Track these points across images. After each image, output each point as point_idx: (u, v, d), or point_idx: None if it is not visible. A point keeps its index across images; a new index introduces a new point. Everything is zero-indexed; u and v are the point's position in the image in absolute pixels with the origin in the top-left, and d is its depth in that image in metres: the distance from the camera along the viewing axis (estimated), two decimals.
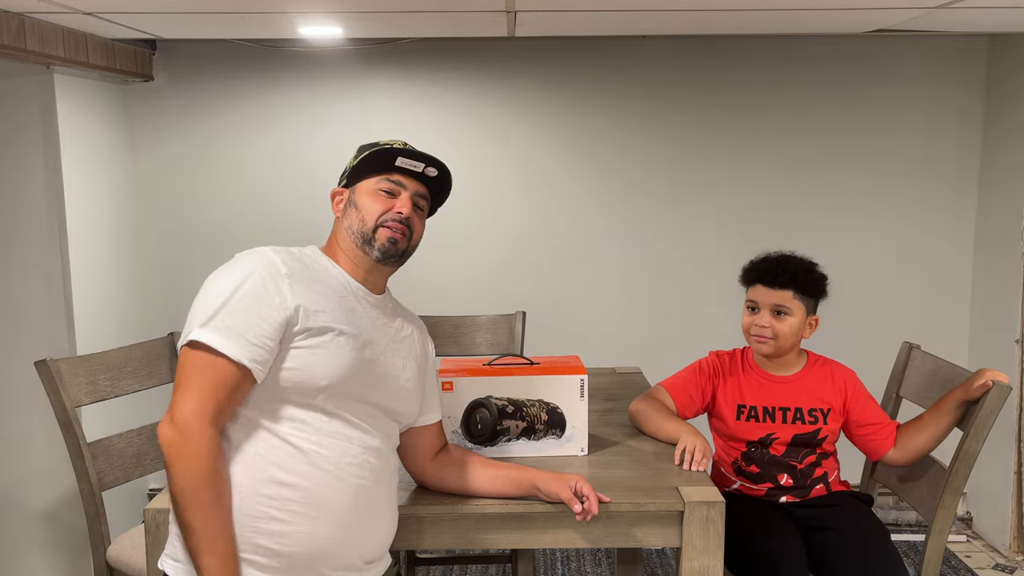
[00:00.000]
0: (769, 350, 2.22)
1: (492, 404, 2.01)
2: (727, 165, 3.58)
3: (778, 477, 2.24)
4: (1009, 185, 3.38)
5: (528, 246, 3.63)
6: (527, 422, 2.02)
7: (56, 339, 3.00)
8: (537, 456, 2.02)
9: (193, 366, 1.51)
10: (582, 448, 2.04)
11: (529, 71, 3.54)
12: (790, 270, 2.20)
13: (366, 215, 1.68)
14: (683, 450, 1.99)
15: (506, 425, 2.01)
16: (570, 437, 2.04)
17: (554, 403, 2.02)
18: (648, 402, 2.24)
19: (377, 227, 1.68)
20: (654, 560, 3.39)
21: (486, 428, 2.01)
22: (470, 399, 2.01)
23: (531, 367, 2.06)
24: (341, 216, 1.72)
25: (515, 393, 2.02)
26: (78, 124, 3.08)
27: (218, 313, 1.52)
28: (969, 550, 3.48)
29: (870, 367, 2.42)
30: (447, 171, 1.77)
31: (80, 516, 2.36)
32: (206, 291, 1.57)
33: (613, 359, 3.49)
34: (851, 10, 2.67)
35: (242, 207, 3.57)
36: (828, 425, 2.23)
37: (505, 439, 2.02)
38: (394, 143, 1.72)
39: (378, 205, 1.68)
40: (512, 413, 2.01)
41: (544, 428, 2.02)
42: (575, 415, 2.03)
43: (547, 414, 2.02)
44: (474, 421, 2.01)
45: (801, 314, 2.20)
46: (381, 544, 1.69)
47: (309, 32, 3.08)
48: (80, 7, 2.48)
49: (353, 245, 1.69)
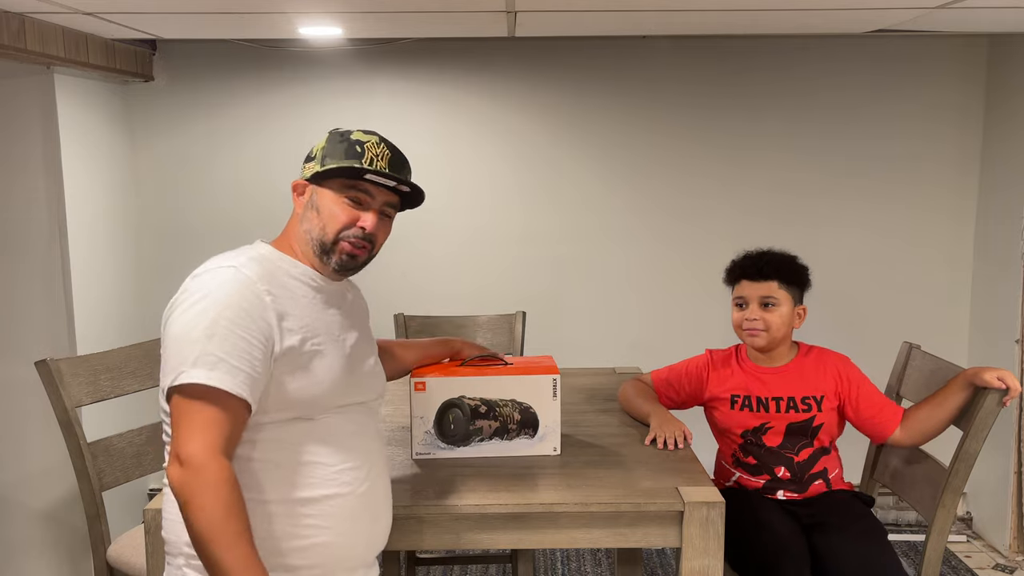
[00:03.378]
0: (763, 342, 2.26)
1: (465, 404, 2.00)
2: (727, 165, 3.58)
3: (775, 469, 2.27)
4: (1009, 185, 3.38)
5: (528, 245, 3.63)
6: (500, 422, 2.02)
7: (56, 339, 3.00)
8: (509, 455, 2.02)
9: (190, 406, 1.43)
10: (555, 447, 2.04)
11: (529, 71, 3.54)
12: (772, 262, 2.28)
13: (327, 224, 1.59)
14: (654, 437, 2.12)
15: (479, 425, 2.01)
16: (542, 436, 2.03)
17: (527, 403, 2.02)
18: (633, 385, 2.40)
19: (337, 239, 1.59)
20: (654, 560, 3.39)
21: (459, 428, 2.00)
22: (443, 399, 2.00)
23: (504, 367, 2.05)
24: (300, 215, 1.62)
25: (488, 393, 2.01)
26: (78, 124, 3.08)
27: (206, 347, 1.43)
28: (969, 550, 3.48)
29: (870, 367, 2.42)
30: (419, 189, 1.69)
31: (80, 516, 2.36)
32: (184, 323, 1.46)
33: (613, 359, 3.48)
34: (851, 10, 2.67)
35: (242, 207, 3.57)
36: (823, 413, 2.25)
37: (478, 439, 2.01)
38: (367, 141, 1.62)
39: (342, 216, 1.59)
40: (485, 413, 2.01)
41: (517, 428, 2.02)
42: (547, 414, 2.03)
43: (520, 414, 2.02)
44: (447, 421, 2.00)
45: (788, 304, 2.26)
46: (385, 537, 1.70)
47: (309, 32, 3.08)
48: (80, 7, 2.48)
49: (310, 250, 1.61)
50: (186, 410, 1.43)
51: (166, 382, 1.45)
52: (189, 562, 1.53)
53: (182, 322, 1.46)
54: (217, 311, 1.45)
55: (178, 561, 1.56)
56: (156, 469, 2.43)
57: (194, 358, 1.43)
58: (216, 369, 1.42)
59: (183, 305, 1.48)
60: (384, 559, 2.63)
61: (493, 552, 3.03)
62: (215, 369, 1.42)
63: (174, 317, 1.48)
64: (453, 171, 3.57)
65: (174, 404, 1.45)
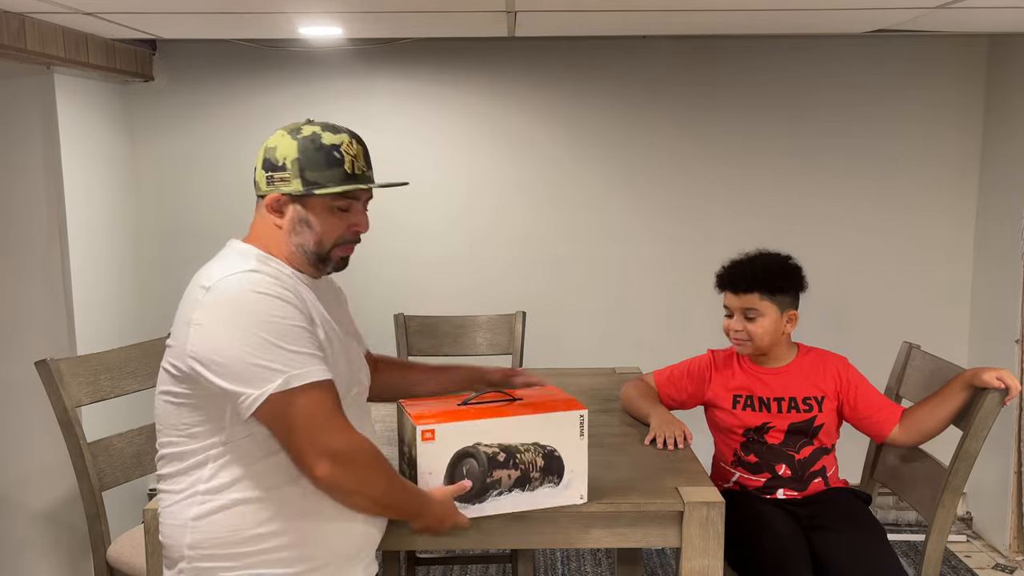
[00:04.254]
0: (748, 351, 2.30)
1: (481, 453, 1.69)
2: (727, 166, 3.58)
3: (776, 467, 2.27)
4: (1009, 185, 3.37)
5: (527, 245, 3.62)
6: (521, 471, 1.72)
7: (56, 339, 3.00)
8: (531, 509, 1.75)
9: (305, 408, 1.46)
10: (581, 495, 1.77)
11: (529, 71, 3.54)
12: (748, 275, 2.26)
13: (323, 237, 1.61)
14: (654, 437, 2.12)
15: (497, 476, 1.71)
16: (568, 483, 1.75)
17: (551, 446, 1.74)
18: (635, 386, 2.40)
19: (333, 247, 1.63)
20: (654, 560, 3.39)
21: (475, 481, 1.70)
22: (455, 449, 1.68)
23: (522, 405, 1.77)
24: (288, 231, 1.61)
25: (506, 438, 1.72)
26: (78, 124, 3.08)
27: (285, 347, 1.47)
28: (969, 550, 3.48)
29: (870, 367, 2.42)
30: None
31: (80, 516, 2.35)
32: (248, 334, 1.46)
33: (613, 359, 3.48)
34: (851, 10, 2.67)
35: (242, 207, 3.54)
36: (823, 413, 2.26)
37: (496, 492, 1.71)
38: (341, 144, 1.59)
39: (339, 226, 1.62)
40: (504, 461, 1.71)
41: (540, 476, 1.74)
42: (574, 457, 1.75)
43: (543, 459, 1.74)
44: (460, 474, 1.70)
45: (773, 313, 2.25)
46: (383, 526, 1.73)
47: (309, 32, 3.08)
48: (80, 7, 2.48)
49: (304, 260, 1.63)
50: (302, 412, 1.46)
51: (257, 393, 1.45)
52: (191, 564, 1.54)
53: (244, 334, 1.46)
54: (277, 317, 1.48)
55: (179, 565, 1.56)
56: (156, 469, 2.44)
57: (284, 361, 1.46)
58: (307, 365, 1.48)
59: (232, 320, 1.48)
60: (384, 559, 2.63)
61: (493, 552, 3.04)
62: (307, 365, 1.48)
63: (225, 332, 1.47)
64: (453, 171, 3.57)
65: (281, 409, 1.46)
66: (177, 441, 1.56)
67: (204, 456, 1.54)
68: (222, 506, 1.53)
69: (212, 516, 1.53)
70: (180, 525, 1.55)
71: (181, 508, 1.55)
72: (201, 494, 1.54)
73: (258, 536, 1.53)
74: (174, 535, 1.56)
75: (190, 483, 1.55)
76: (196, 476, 1.54)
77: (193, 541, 1.53)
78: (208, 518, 1.53)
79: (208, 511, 1.53)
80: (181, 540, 1.54)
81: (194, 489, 1.54)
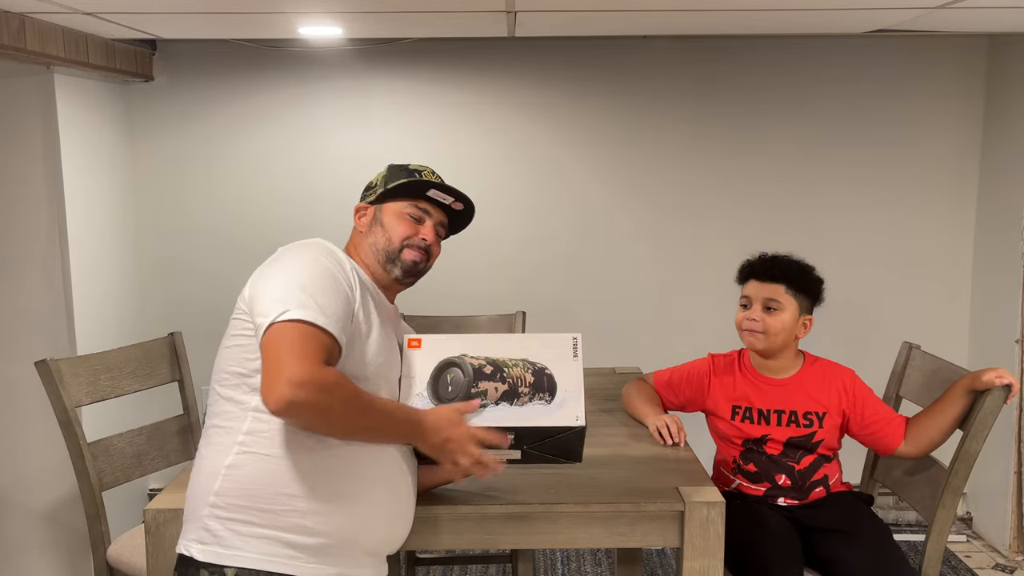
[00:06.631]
0: (760, 345, 2.23)
1: (466, 363, 1.66)
2: (727, 166, 3.58)
3: (776, 477, 2.25)
4: (1009, 186, 3.37)
5: (527, 245, 3.63)
6: (508, 384, 1.66)
7: (56, 339, 3.00)
8: (522, 425, 1.66)
9: (293, 335, 1.48)
10: (577, 417, 1.66)
11: (529, 71, 3.54)
12: (782, 265, 2.25)
13: (392, 235, 1.77)
14: (657, 430, 2.12)
15: (483, 387, 1.65)
16: (562, 403, 1.66)
17: (541, 363, 1.68)
18: (636, 386, 2.39)
19: (403, 247, 1.77)
20: (654, 560, 3.39)
21: (458, 391, 1.65)
22: (440, 357, 1.65)
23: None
24: (365, 232, 1.80)
25: (495, 352, 1.67)
26: (78, 124, 3.08)
27: (311, 292, 1.54)
28: (969, 550, 3.48)
29: (870, 367, 2.42)
30: (472, 206, 1.87)
31: (80, 516, 2.36)
32: (286, 270, 1.59)
33: (613, 359, 3.48)
34: (851, 10, 2.67)
35: (242, 206, 3.57)
36: (824, 429, 2.23)
37: (481, 405, 1.65)
38: (423, 170, 1.82)
39: (405, 228, 1.78)
40: (491, 374, 1.65)
41: (530, 391, 1.66)
42: (567, 377, 1.67)
43: (533, 375, 1.66)
44: (444, 383, 1.65)
45: (793, 310, 2.22)
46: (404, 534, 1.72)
47: (309, 32, 3.08)
48: (80, 7, 2.48)
49: (375, 261, 1.77)
50: (288, 338, 1.48)
51: (265, 319, 1.51)
52: (213, 511, 1.55)
53: (282, 274, 1.59)
54: (321, 267, 1.60)
55: (200, 515, 1.56)
56: (156, 469, 2.44)
57: (297, 303, 1.52)
58: (323, 313, 1.52)
59: (280, 263, 1.63)
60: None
61: (493, 552, 3.04)
62: (321, 313, 1.52)
63: (269, 272, 1.62)
64: (452, 171, 3.53)
65: (272, 336, 1.49)
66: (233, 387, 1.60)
67: (255, 404, 1.56)
68: (260, 457, 1.54)
69: (247, 467, 1.54)
70: (212, 472, 1.56)
71: (219, 456, 1.57)
72: (240, 444, 1.56)
73: (287, 496, 1.53)
74: (202, 483, 1.57)
75: (235, 430, 1.57)
76: (242, 425, 1.57)
77: (221, 488, 1.54)
78: (243, 468, 1.55)
79: (244, 461, 1.55)
80: (209, 488, 1.55)
81: (236, 438, 1.56)
